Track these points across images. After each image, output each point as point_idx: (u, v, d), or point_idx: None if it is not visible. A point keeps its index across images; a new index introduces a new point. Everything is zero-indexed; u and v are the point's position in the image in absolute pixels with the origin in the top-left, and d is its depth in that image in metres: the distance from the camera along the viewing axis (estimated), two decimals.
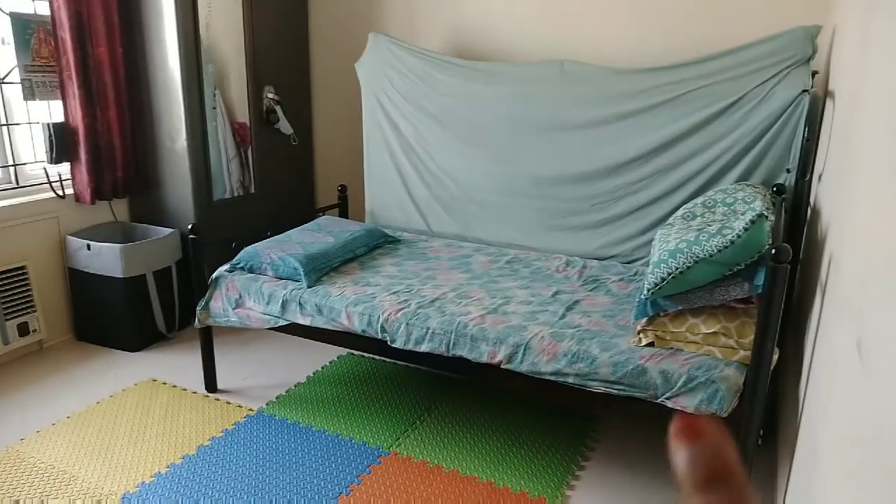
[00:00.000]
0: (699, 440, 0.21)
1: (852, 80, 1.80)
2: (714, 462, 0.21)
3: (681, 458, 0.21)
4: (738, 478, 0.21)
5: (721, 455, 0.21)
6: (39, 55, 3.05)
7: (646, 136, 2.77)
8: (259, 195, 3.66)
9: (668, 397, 1.90)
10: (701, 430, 0.21)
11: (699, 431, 0.21)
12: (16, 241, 3.04)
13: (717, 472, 0.21)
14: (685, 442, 0.21)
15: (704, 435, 0.21)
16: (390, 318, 2.33)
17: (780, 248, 1.74)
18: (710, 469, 0.21)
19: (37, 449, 2.40)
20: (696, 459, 0.21)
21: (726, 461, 0.21)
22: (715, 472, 0.21)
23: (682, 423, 0.21)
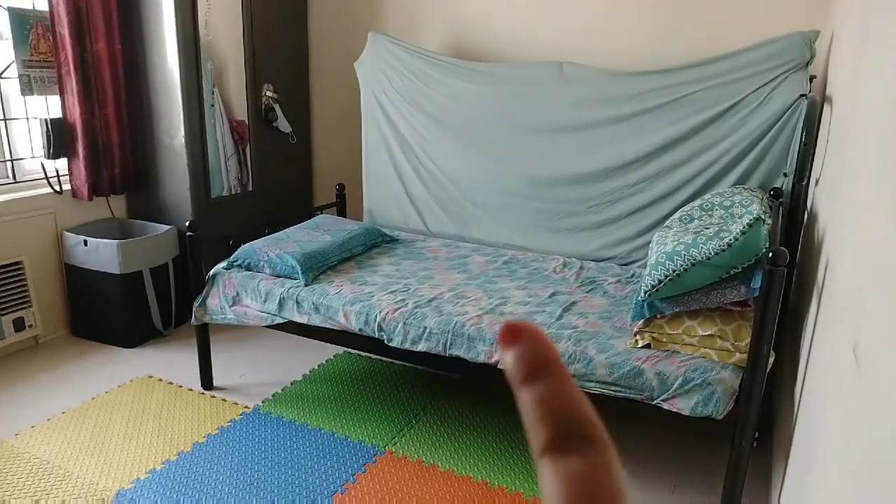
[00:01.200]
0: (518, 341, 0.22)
1: (850, 85, 1.81)
2: (534, 358, 0.22)
3: (506, 361, 0.22)
4: (558, 369, 0.22)
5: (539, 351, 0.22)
6: (38, 50, 3.05)
7: (644, 139, 2.78)
8: (257, 193, 3.66)
9: (664, 399, 1.90)
10: (519, 332, 0.22)
11: (518, 333, 0.22)
12: (12, 236, 3.03)
13: (537, 367, 0.22)
14: (507, 346, 0.22)
15: (522, 336, 0.22)
16: (387, 317, 2.33)
17: (777, 251, 1.74)
18: (530, 365, 0.22)
19: (31, 444, 2.40)
20: (518, 359, 0.22)
21: (545, 356, 0.22)
22: (535, 367, 0.22)
23: (503, 329, 0.22)
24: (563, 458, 0.20)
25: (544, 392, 0.21)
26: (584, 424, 0.21)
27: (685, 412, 1.88)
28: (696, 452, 2.39)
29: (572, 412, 0.21)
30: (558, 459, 0.20)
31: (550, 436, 0.21)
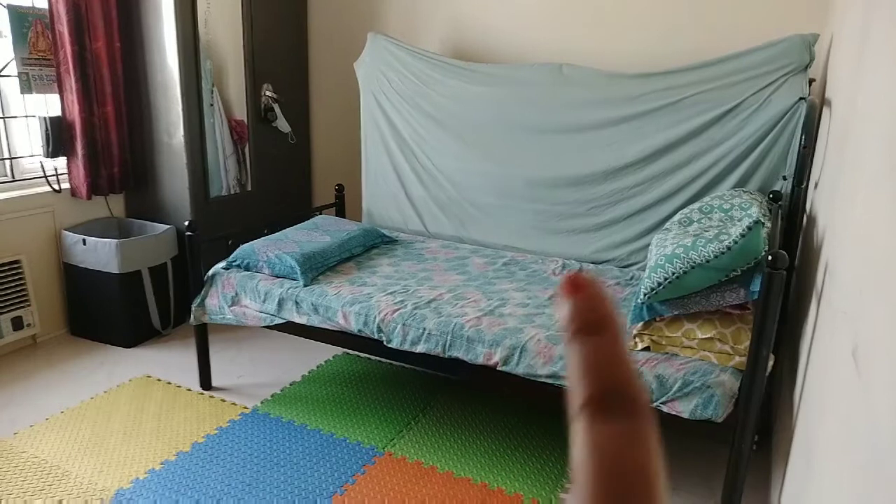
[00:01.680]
0: (579, 293, 0.21)
1: (849, 88, 1.82)
2: (590, 312, 0.21)
3: (563, 311, 0.22)
4: (613, 328, 0.21)
5: (597, 307, 0.21)
6: (37, 48, 3.04)
7: (643, 141, 2.78)
8: (256, 193, 3.66)
9: (664, 402, 1.91)
10: (582, 285, 0.21)
11: (580, 285, 0.21)
12: (11, 235, 3.02)
13: (591, 321, 0.21)
14: (567, 296, 0.22)
15: (584, 289, 0.21)
16: (387, 318, 2.33)
17: (777, 254, 1.75)
18: (585, 319, 0.21)
19: (30, 443, 2.39)
20: (575, 311, 0.21)
21: (602, 313, 0.21)
22: (590, 322, 0.21)
23: (566, 279, 0.22)
24: (600, 420, 0.20)
25: (594, 348, 0.21)
26: (628, 389, 0.20)
27: (684, 415, 1.88)
28: (695, 455, 2.39)
29: (618, 374, 0.20)
30: (594, 421, 0.20)
31: (591, 394, 0.20)
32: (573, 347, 0.21)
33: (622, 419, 0.20)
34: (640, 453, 0.19)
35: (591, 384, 0.20)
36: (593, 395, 0.20)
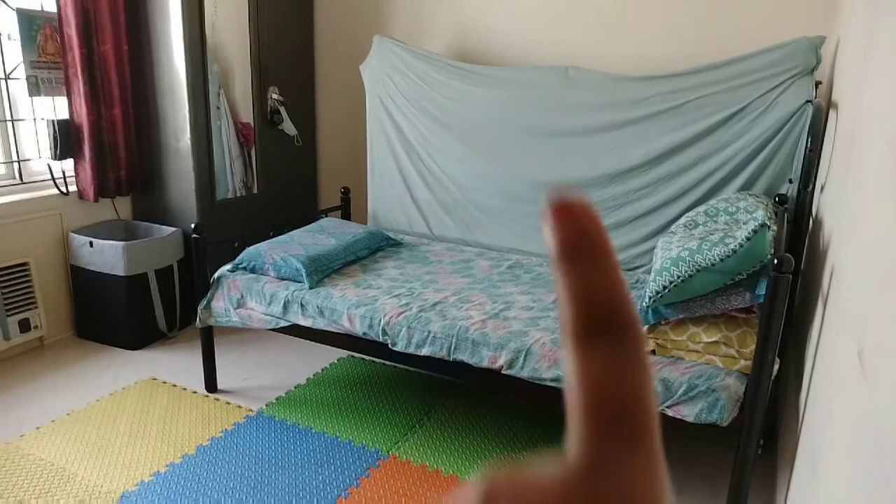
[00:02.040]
0: (568, 216, 0.20)
1: (855, 91, 1.81)
2: (581, 236, 0.20)
3: (551, 235, 0.21)
4: (604, 252, 0.20)
5: (588, 230, 0.20)
6: (45, 51, 3.06)
7: (648, 144, 2.78)
8: (262, 196, 3.67)
9: (669, 406, 1.90)
10: (570, 207, 0.20)
11: (568, 208, 0.20)
12: (19, 238, 3.04)
13: (583, 245, 0.20)
14: (555, 219, 0.20)
15: (573, 211, 0.20)
16: (392, 321, 2.33)
17: (782, 258, 1.74)
18: (576, 242, 0.20)
19: (36, 445, 2.40)
20: (564, 235, 0.20)
21: (594, 236, 0.20)
22: (581, 246, 0.20)
23: (554, 201, 0.20)
24: (589, 347, 0.19)
25: (585, 273, 0.20)
26: (621, 314, 0.19)
27: (689, 419, 1.88)
28: (700, 459, 2.38)
29: (610, 299, 0.19)
30: (584, 349, 0.19)
31: (582, 320, 0.19)
32: (562, 273, 0.20)
33: (613, 345, 0.19)
34: (631, 380, 0.19)
35: (582, 311, 0.19)
36: (584, 324, 0.19)
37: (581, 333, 0.19)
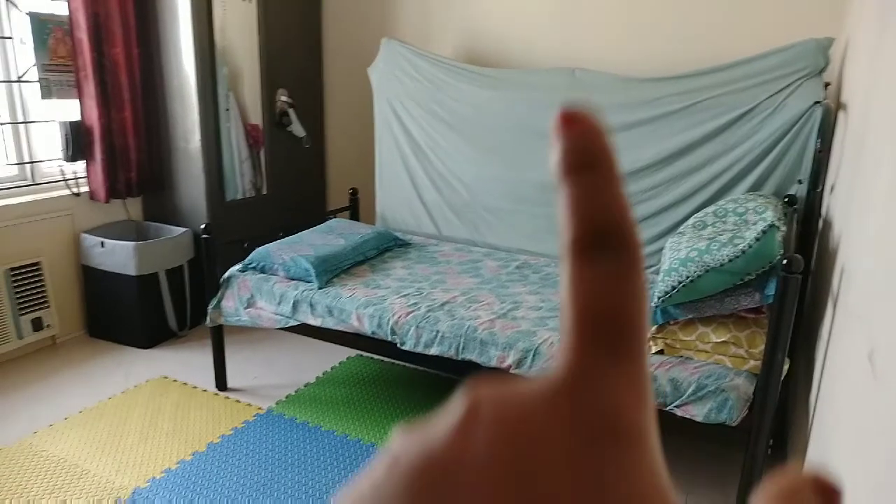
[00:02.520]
0: (574, 130, 0.20)
1: (864, 92, 1.81)
2: (585, 149, 0.20)
3: (556, 149, 0.20)
4: (608, 165, 0.20)
5: (594, 143, 0.20)
6: (57, 55, 3.09)
7: (657, 146, 2.78)
8: (271, 197, 3.69)
9: (678, 405, 1.91)
10: (577, 120, 0.20)
11: (575, 120, 0.20)
12: (31, 238, 3.07)
13: (586, 158, 0.20)
14: (561, 132, 0.20)
15: (580, 124, 0.20)
16: (400, 320, 2.35)
17: (792, 258, 1.75)
18: (580, 155, 0.20)
19: (49, 442, 2.43)
20: (568, 147, 0.20)
21: (599, 149, 0.20)
22: (584, 159, 0.20)
23: (561, 114, 0.20)
24: (586, 260, 0.19)
25: (586, 186, 0.19)
26: (619, 226, 0.19)
27: (698, 419, 1.88)
28: (709, 460, 2.39)
29: (609, 211, 0.19)
30: (580, 261, 0.19)
31: (579, 232, 0.19)
32: (564, 187, 0.20)
33: (608, 258, 0.19)
34: (622, 292, 0.18)
35: (580, 224, 0.19)
36: (580, 235, 0.19)
37: (578, 247, 0.19)
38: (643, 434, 0.18)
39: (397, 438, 0.18)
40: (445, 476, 0.17)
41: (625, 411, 0.18)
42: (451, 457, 0.17)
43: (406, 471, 0.17)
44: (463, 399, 0.18)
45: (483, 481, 0.16)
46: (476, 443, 0.17)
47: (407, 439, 0.18)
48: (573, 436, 0.17)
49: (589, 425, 0.17)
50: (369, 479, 0.18)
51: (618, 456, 0.17)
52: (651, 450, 0.18)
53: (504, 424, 0.17)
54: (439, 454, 0.17)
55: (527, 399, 0.18)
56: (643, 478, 0.17)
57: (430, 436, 0.18)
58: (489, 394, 0.18)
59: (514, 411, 0.17)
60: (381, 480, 0.17)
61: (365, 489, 0.18)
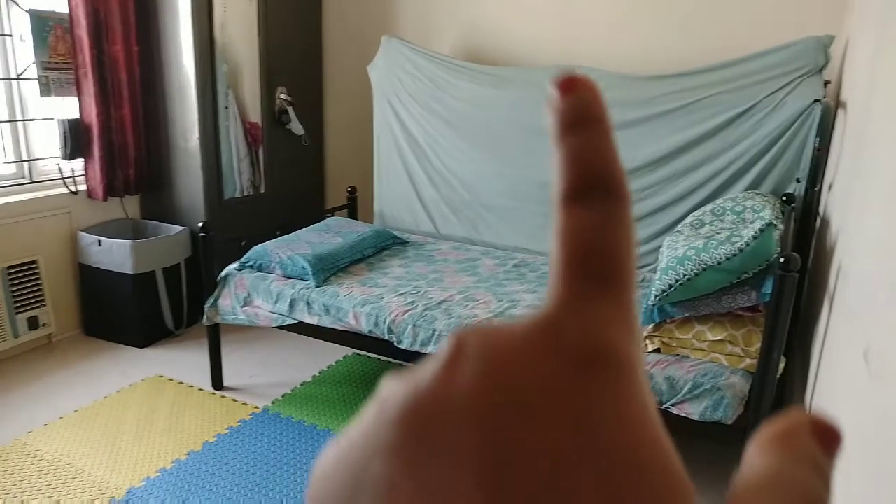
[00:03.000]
0: (572, 92, 0.20)
1: (864, 91, 1.80)
2: (580, 109, 0.20)
3: (552, 110, 0.21)
4: (601, 124, 0.20)
5: (589, 104, 0.20)
6: (56, 52, 3.09)
7: (656, 143, 2.77)
8: (269, 195, 3.68)
9: (674, 403, 1.90)
10: (575, 84, 0.20)
11: (573, 84, 0.20)
12: (28, 236, 3.07)
13: (580, 118, 0.20)
14: (559, 95, 0.20)
15: (577, 87, 0.20)
16: (397, 319, 2.34)
17: (789, 257, 1.73)
18: (575, 115, 0.20)
19: (44, 442, 2.42)
20: (564, 108, 0.20)
21: (593, 110, 0.20)
22: (578, 118, 0.20)
23: (560, 78, 0.20)
24: (577, 204, 0.19)
25: (580, 141, 0.20)
26: (609, 175, 0.19)
27: (694, 417, 1.87)
28: (704, 458, 2.37)
29: (600, 163, 0.19)
30: (571, 205, 0.19)
31: (571, 182, 0.19)
32: (558, 145, 0.20)
33: (597, 203, 0.19)
34: (610, 232, 0.19)
35: (571, 175, 0.19)
36: (572, 185, 0.19)
37: (569, 195, 0.19)
38: (632, 364, 0.17)
39: (385, 384, 0.18)
40: (432, 413, 0.17)
41: (613, 341, 0.17)
42: (437, 394, 0.17)
43: (393, 412, 0.17)
44: (450, 340, 0.18)
45: (470, 414, 0.16)
46: (462, 378, 0.17)
47: (394, 384, 0.18)
48: (560, 365, 0.17)
49: (576, 354, 0.17)
50: (358, 426, 0.18)
51: (606, 384, 0.17)
52: (639, 380, 0.17)
53: (489, 357, 0.17)
54: (425, 392, 0.17)
55: (513, 333, 0.18)
56: (632, 407, 0.17)
57: (416, 377, 0.18)
58: (475, 332, 0.18)
59: (499, 344, 0.17)
60: (369, 425, 0.18)
61: (354, 435, 0.18)
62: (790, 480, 0.19)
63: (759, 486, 0.19)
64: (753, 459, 0.20)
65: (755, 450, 0.21)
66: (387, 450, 0.17)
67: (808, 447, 0.20)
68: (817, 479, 0.20)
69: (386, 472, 0.16)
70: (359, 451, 0.17)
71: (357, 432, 0.18)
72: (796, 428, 0.21)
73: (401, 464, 0.16)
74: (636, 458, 0.16)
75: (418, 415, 0.17)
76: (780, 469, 0.20)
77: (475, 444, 0.16)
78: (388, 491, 0.16)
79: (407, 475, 0.16)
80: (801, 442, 0.20)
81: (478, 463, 0.16)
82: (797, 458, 0.20)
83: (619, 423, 0.16)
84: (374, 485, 0.17)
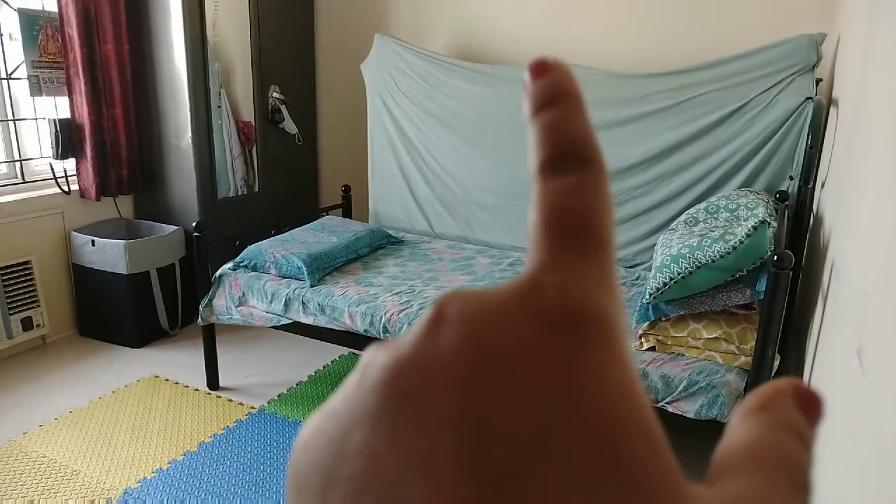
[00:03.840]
0: (545, 74, 0.21)
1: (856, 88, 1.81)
2: (554, 87, 0.21)
3: (527, 92, 0.21)
4: (574, 99, 0.21)
5: (562, 83, 0.21)
6: (47, 51, 3.07)
7: (649, 141, 2.78)
8: (263, 194, 3.68)
9: (669, 402, 1.91)
10: (548, 66, 0.21)
11: (546, 67, 0.21)
12: (21, 236, 3.05)
13: (554, 95, 0.21)
14: (533, 78, 0.21)
15: (550, 70, 0.21)
16: (392, 318, 2.34)
17: (782, 254, 1.74)
18: (548, 94, 0.21)
19: (39, 443, 2.41)
20: (538, 88, 0.21)
21: (566, 87, 0.21)
22: (552, 96, 0.20)
23: (533, 62, 0.21)
24: (554, 173, 0.19)
25: (553, 117, 0.20)
26: (584, 145, 0.20)
27: (689, 415, 1.88)
28: (700, 456, 2.38)
29: (575, 134, 0.20)
30: (548, 174, 0.19)
31: (547, 154, 0.20)
32: (533, 122, 0.21)
33: (574, 172, 0.19)
34: (586, 198, 0.19)
35: (547, 147, 0.20)
36: (548, 156, 0.20)
37: (546, 166, 0.20)
38: (613, 326, 0.17)
39: (367, 353, 0.18)
40: (413, 377, 0.17)
41: (592, 300, 0.17)
42: (418, 357, 0.17)
43: (374, 378, 0.17)
44: (431, 307, 0.18)
45: (449, 377, 0.16)
46: (442, 342, 0.17)
47: (376, 350, 0.18)
48: (540, 326, 0.17)
49: (556, 315, 0.17)
50: (340, 394, 0.18)
51: (586, 344, 0.17)
52: (621, 343, 0.17)
53: (470, 321, 0.17)
54: (406, 357, 0.17)
55: (494, 297, 0.18)
56: (612, 365, 0.17)
57: (397, 343, 0.18)
58: (456, 297, 0.18)
59: (479, 308, 0.17)
60: (350, 392, 0.18)
61: (336, 404, 0.18)
62: (772, 446, 0.19)
63: (741, 452, 0.19)
64: (736, 427, 0.20)
65: (738, 418, 0.21)
66: (368, 416, 0.17)
67: (790, 414, 0.20)
68: (799, 445, 0.20)
69: (367, 439, 0.16)
70: (340, 418, 0.17)
71: (338, 400, 0.18)
72: (778, 395, 0.21)
73: (382, 429, 0.16)
74: (616, 417, 0.16)
75: (399, 379, 0.17)
76: (761, 435, 0.20)
77: (455, 407, 0.16)
78: (370, 458, 0.16)
79: (388, 441, 0.16)
80: (782, 409, 0.20)
81: (457, 425, 0.16)
82: (778, 424, 0.20)
83: (599, 382, 0.16)
84: (355, 452, 0.16)
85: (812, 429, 0.21)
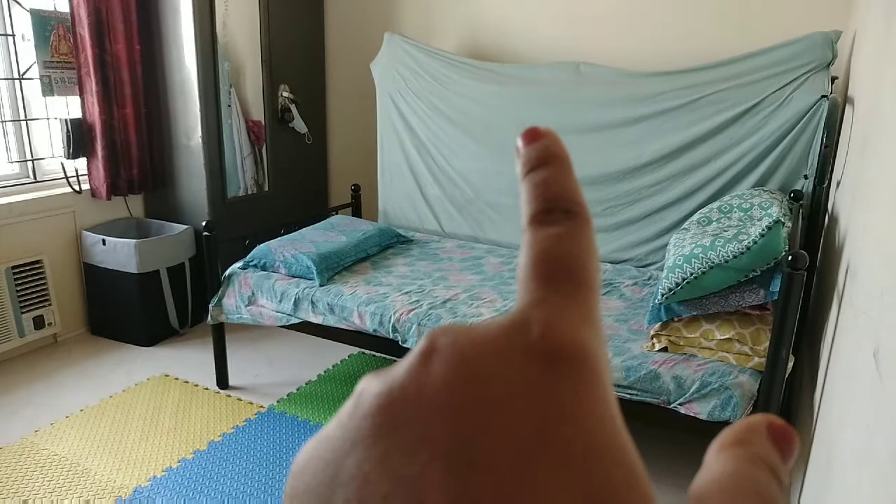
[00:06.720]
0: (536, 140, 0.23)
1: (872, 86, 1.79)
2: (543, 151, 0.22)
3: (520, 156, 0.23)
4: (562, 161, 0.22)
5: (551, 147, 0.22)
6: (58, 52, 3.09)
7: (662, 140, 2.76)
8: (273, 193, 3.68)
9: (681, 403, 1.89)
10: (539, 133, 0.23)
11: (537, 134, 0.23)
12: (32, 235, 3.07)
13: (543, 158, 0.22)
14: (525, 144, 0.23)
15: (541, 136, 0.23)
16: (402, 318, 2.33)
17: (797, 254, 1.72)
18: (539, 156, 0.22)
19: (50, 441, 2.42)
20: (529, 152, 0.23)
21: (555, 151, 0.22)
22: (542, 158, 0.22)
23: (526, 132, 0.23)
24: (542, 224, 0.21)
25: (542, 176, 0.22)
26: (570, 200, 0.21)
27: (702, 416, 1.86)
28: None
29: (560, 192, 0.21)
30: (537, 225, 0.21)
31: (534, 209, 0.21)
32: (525, 181, 0.22)
33: (561, 222, 0.21)
34: (572, 246, 0.20)
35: (537, 202, 0.21)
36: (536, 210, 0.21)
37: (534, 217, 0.21)
38: (595, 360, 0.18)
39: (362, 381, 0.19)
40: (404, 406, 0.17)
41: (577, 337, 0.18)
42: (409, 388, 0.18)
43: (367, 405, 0.18)
44: (424, 339, 0.19)
45: (439, 408, 0.17)
46: (433, 373, 0.18)
47: (370, 379, 0.19)
48: (527, 361, 0.18)
49: (542, 350, 0.18)
50: (335, 421, 0.19)
51: (570, 378, 0.18)
52: (603, 376, 0.18)
53: (460, 354, 0.18)
54: (398, 387, 0.18)
55: (483, 332, 0.19)
56: (594, 400, 0.17)
57: (391, 373, 0.19)
58: (447, 331, 0.19)
59: (470, 342, 0.18)
60: (345, 419, 0.18)
61: (331, 430, 0.19)
62: (744, 480, 0.20)
63: (714, 485, 0.20)
64: (711, 461, 0.21)
65: (713, 452, 0.22)
66: (361, 443, 0.17)
67: (763, 448, 0.21)
68: (772, 480, 0.20)
69: (360, 465, 0.17)
70: (335, 444, 0.18)
71: (333, 427, 0.19)
72: (752, 431, 0.22)
73: (374, 456, 0.17)
74: (595, 447, 0.17)
75: (391, 408, 0.17)
76: (734, 470, 0.21)
77: (444, 437, 0.16)
78: (363, 484, 0.17)
79: (379, 467, 0.17)
80: (756, 444, 0.21)
81: (446, 455, 0.16)
82: (751, 458, 0.21)
83: (581, 414, 0.17)
84: (349, 477, 0.17)
85: (785, 463, 0.22)
